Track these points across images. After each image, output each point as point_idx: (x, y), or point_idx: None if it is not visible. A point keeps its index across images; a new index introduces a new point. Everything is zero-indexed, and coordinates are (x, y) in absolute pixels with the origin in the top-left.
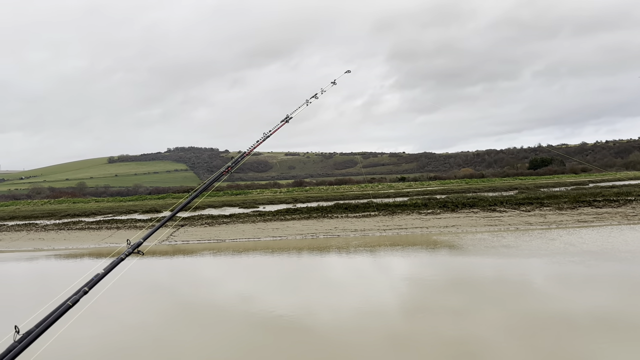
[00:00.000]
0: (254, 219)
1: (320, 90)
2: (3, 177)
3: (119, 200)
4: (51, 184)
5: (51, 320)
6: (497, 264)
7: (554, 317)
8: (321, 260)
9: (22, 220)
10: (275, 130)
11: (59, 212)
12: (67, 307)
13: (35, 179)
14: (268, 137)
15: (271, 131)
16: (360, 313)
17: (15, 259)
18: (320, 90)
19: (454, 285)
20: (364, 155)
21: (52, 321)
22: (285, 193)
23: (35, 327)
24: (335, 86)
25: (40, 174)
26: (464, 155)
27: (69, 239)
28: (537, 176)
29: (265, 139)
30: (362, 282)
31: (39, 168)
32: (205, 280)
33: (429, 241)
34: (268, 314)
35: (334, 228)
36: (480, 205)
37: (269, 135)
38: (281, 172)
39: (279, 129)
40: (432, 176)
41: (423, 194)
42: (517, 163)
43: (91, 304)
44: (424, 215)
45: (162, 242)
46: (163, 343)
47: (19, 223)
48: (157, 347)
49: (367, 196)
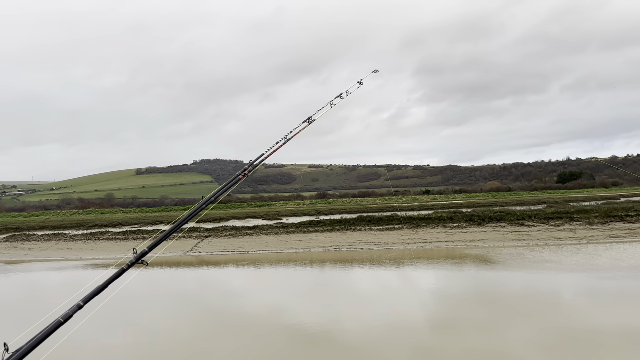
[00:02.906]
0: (277, 231)
1: (346, 92)
2: (35, 188)
3: (146, 212)
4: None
5: (41, 338)
6: (533, 279)
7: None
8: (346, 274)
9: (51, 230)
10: (296, 133)
11: (87, 222)
12: (59, 324)
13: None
14: (289, 140)
15: (292, 132)
16: (388, 326)
17: (45, 269)
18: (346, 92)
19: (484, 300)
20: (388, 168)
21: (42, 338)
22: (309, 205)
23: (25, 345)
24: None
25: (71, 185)
26: (490, 169)
27: (96, 249)
28: (566, 190)
29: (287, 141)
30: (388, 295)
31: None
32: (232, 291)
33: (456, 255)
34: (296, 326)
35: (358, 241)
36: (507, 219)
37: (290, 139)
38: (305, 185)
39: (300, 132)
40: (458, 189)
41: (448, 207)
42: (545, 177)
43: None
44: (450, 229)
45: (186, 253)
46: (195, 352)
47: (48, 233)
48: (190, 357)
49: (391, 209)
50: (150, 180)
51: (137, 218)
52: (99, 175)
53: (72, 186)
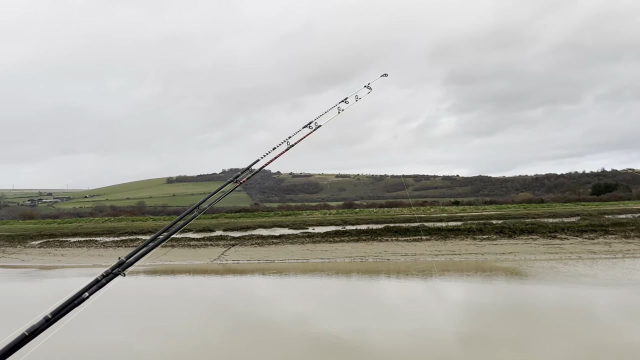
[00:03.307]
0: (302, 240)
1: (355, 97)
2: (70, 196)
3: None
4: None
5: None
6: (567, 293)
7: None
8: (372, 284)
9: (83, 236)
10: (299, 140)
11: (117, 229)
12: (23, 337)
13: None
14: (292, 146)
15: (292, 136)
16: (416, 338)
17: (76, 275)
18: (355, 97)
19: (515, 314)
20: (416, 178)
21: (4, 353)
22: (335, 215)
23: None
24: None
25: (104, 193)
26: (522, 179)
27: None
28: (601, 202)
29: (290, 147)
30: (416, 307)
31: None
32: (259, 299)
33: (485, 268)
34: (324, 335)
35: (384, 252)
36: (539, 231)
37: (293, 145)
38: (332, 194)
39: (304, 138)
40: (488, 200)
41: (478, 218)
42: (579, 188)
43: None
44: (479, 241)
45: (213, 261)
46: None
47: (80, 239)
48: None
49: (418, 219)
50: (180, 188)
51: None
52: (131, 184)
53: (104, 194)
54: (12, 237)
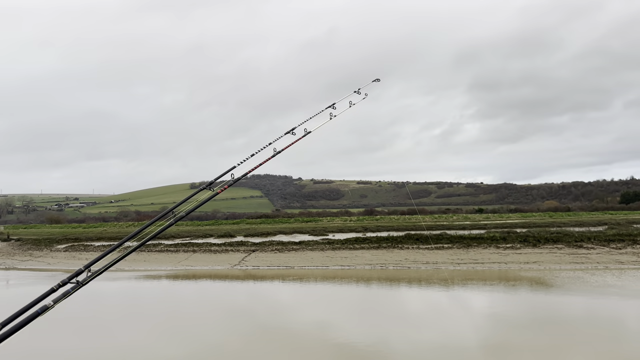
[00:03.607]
0: (322, 247)
1: (349, 103)
2: (95, 200)
3: (197, 225)
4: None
5: None
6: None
7: None
8: (393, 293)
9: (107, 241)
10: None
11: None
12: None
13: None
14: (278, 152)
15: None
16: (440, 347)
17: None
18: (349, 103)
19: (541, 324)
20: (439, 185)
21: None
22: (356, 222)
23: None
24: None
25: (129, 198)
26: (548, 187)
27: (149, 260)
28: (630, 211)
29: (276, 154)
30: (438, 316)
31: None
32: (279, 306)
33: (509, 277)
34: (345, 343)
35: (404, 259)
36: (565, 240)
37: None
38: (353, 201)
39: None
40: (513, 208)
41: (502, 227)
42: (607, 196)
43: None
44: (502, 250)
45: (234, 267)
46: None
47: (104, 244)
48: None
49: (440, 227)
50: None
51: (188, 231)
52: (155, 189)
53: (129, 199)
54: (39, 240)
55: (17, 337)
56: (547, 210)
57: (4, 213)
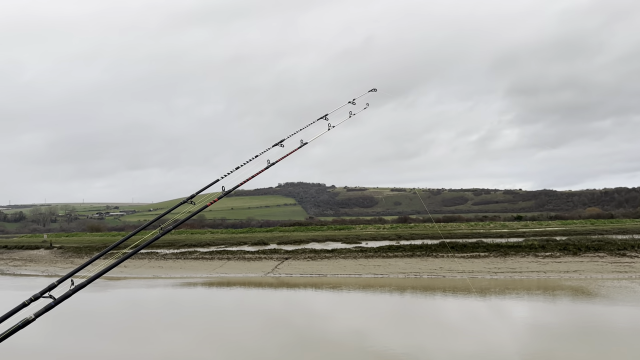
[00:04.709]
0: (355, 255)
1: (349, 114)
2: (135, 209)
3: (232, 232)
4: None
5: None
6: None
7: None
8: (428, 302)
9: (145, 248)
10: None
11: (177, 242)
12: None
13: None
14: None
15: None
16: (478, 357)
17: (138, 286)
18: (349, 114)
19: (583, 335)
20: (475, 192)
21: None
22: (389, 229)
23: None
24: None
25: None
26: (590, 194)
27: (185, 268)
28: None
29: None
30: (476, 325)
31: (165, 201)
32: (314, 313)
33: (549, 286)
34: (383, 351)
35: (439, 268)
36: (607, 248)
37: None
38: (387, 208)
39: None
40: (553, 215)
41: (541, 234)
42: None
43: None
44: (542, 259)
45: (267, 274)
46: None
47: (142, 251)
48: None
49: (476, 235)
50: (238, 202)
51: (223, 239)
52: None
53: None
54: (79, 248)
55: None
56: (588, 218)
57: (47, 222)
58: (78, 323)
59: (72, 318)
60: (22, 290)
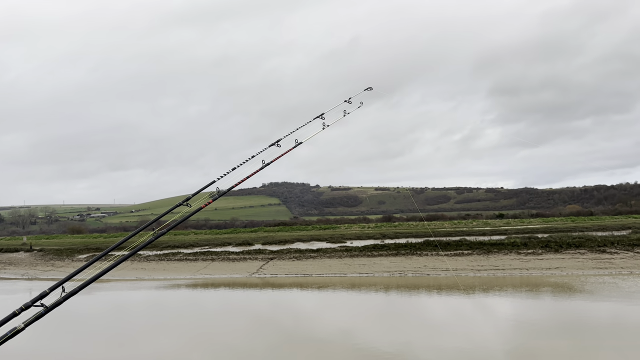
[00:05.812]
0: (340, 254)
1: (344, 113)
2: (116, 210)
3: (216, 233)
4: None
5: None
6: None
7: None
8: (413, 300)
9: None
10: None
11: (160, 243)
12: None
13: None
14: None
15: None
16: (464, 353)
17: (123, 288)
18: (344, 113)
19: (566, 330)
20: (458, 190)
21: None
22: (374, 228)
23: None
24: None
25: (149, 207)
26: (570, 191)
27: (168, 269)
28: None
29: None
30: (461, 323)
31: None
32: (300, 313)
33: (531, 283)
34: (369, 349)
35: (424, 266)
36: (587, 245)
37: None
38: (371, 207)
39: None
40: (534, 213)
41: (523, 232)
42: (630, 200)
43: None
44: (524, 256)
45: (252, 275)
46: None
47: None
48: None
49: (460, 233)
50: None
51: (207, 239)
52: (175, 198)
53: (149, 208)
54: (60, 250)
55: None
56: (569, 215)
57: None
58: (64, 327)
59: (57, 322)
60: (1, 294)
